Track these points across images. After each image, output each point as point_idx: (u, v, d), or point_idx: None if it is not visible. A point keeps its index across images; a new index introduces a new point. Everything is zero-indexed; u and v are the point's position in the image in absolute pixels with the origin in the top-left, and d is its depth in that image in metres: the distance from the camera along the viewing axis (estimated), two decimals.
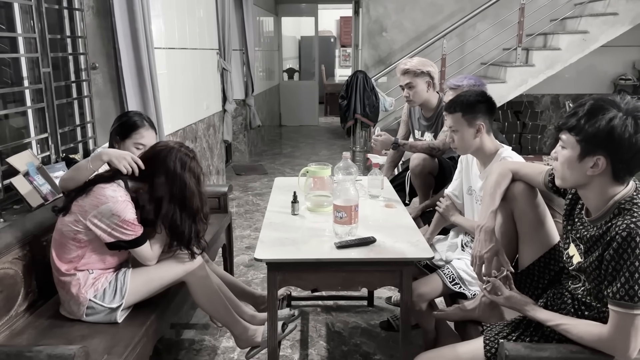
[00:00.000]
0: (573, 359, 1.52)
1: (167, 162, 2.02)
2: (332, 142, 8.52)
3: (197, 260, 2.18)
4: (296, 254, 1.92)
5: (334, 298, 3.17)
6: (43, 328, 2.01)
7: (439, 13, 7.08)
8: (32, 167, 2.45)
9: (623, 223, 1.42)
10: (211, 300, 2.21)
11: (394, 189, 2.80)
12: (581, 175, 1.51)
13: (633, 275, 1.39)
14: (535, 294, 1.82)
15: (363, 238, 1.98)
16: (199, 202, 2.07)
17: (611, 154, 1.45)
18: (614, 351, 1.46)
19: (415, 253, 1.92)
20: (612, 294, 1.43)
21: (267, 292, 1.95)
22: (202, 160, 4.90)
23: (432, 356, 1.74)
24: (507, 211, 1.86)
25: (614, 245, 1.42)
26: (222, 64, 5.52)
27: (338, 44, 14.53)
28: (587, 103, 1.50)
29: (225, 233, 3.24)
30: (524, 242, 1.85)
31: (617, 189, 1.50)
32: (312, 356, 2.63)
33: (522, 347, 1.55)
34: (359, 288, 2.44)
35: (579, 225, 1.62)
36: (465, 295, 2.16)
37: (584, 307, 1.60)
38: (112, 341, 1.90)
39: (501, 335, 1.70)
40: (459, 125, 2.15)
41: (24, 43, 2.65)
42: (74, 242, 1.99)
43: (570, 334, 1.54)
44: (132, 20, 3.03)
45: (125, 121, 2.36)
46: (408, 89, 3.08)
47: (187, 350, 2.69)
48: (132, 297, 2.05)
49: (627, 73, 7.21)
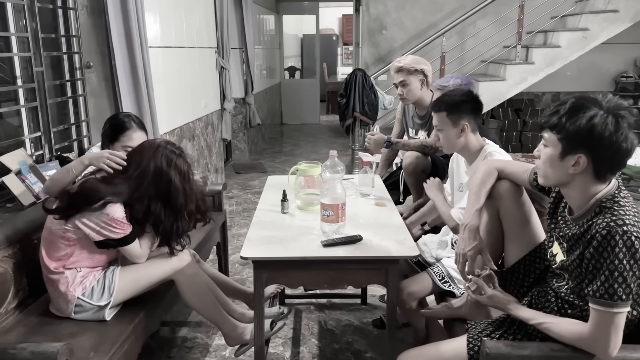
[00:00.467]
0: (554, 357, 1.52)
1: (153, 160, 2.03)
2: (332, 141, 8.52)
3: (185, 258, 2.19)
4: (282, 252, 1.93)
5: (328, 296, 3.18)
6: (32, 326, 2.02)
7: (439, 11, 7.07)
8: (24, 165, 2.47)
9: (603, 221, 1.42)
10: (200, 298, 2.22)
11: (387, 188, 2.80)
12: (563, 174, 1.51)
13: (613, 273, 1.39)
14: (520, 292, 1.82)
15: (349, 236, 1.98)
16: (183, 200, 2.08)
17: (592, 152, 1.45)
18: (594, 349, 1.46)
19: (401, 251, 1.92)
20: (592, 292, 1.43)
21: (254, 290, 1.96)
22: (200, 159, 4.91)
23: (416, 354, 1.74)
24: (492, 209, 1.85)
25: (594, 244, 1.42)
26: (220, 62, 5.53)
27: (340, 42, 14.51)
28: (568, 101, 1.49)
29: (219, 231, 3.24)
30: (509, 241, 1.85)
31: (599, 187, 1.50)
32: (304, 354, 2.64)
33: (503, 345, 1.55)
34: (345, 286, 2.44)
35: (562, 223, 1.62)
36: (454, 293, 2.16)
37: (567, 306, 1.60)
38: (100, 339, 1.91)
39: (484, 334, 1.70)
40: (443, 124, 2.16)
41: (17, 42, 2.67)
42: (63, 240, 2.00)
43: (551, 332, 1.54)
44: (126, 20, 3.04)
45: (113, 124, 2.37)
46: (402, 87, 3.08)
47: (179, 347, 2.70)
48: (120, 295, 2.07)
49: (629, 70, 7.19)
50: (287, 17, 10.89)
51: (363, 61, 7.29)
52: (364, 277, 1.96)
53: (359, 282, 2.08)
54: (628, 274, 1.39)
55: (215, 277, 2.53)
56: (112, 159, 2.03)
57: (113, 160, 2.02)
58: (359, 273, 1.95)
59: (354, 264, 1.92)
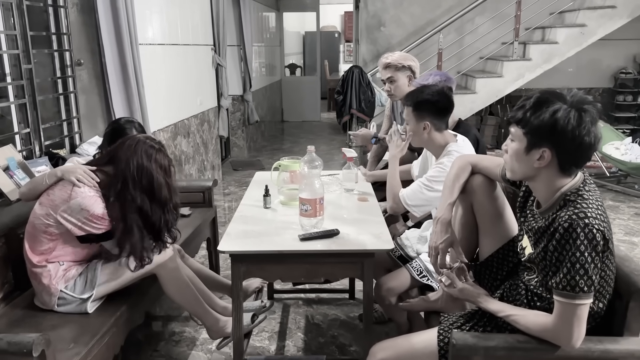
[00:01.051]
0: (520, 348, 1.54)
1: (134, 156, 2.05)
2: (332, 138, 8.53)
3: (167, 252, 2.22)
4: (259, 246, 1.96)
5: (316, 291, 3.21)
6: (16, 318, 2.06)
7: (437, 7, 7.05)
8: (12, 161, 2.51)
9: (566, 214, 1.44)
10: (181, 292, 2.25)
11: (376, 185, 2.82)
12: (529, 168, 1.53)
13: (574, 265, 1.41)
14: (494, 285, 1.84)
15: (326, 230, 2.00)
16: (167, 193, 2.11)
17: (556, 146, 1.46)
18: (558, 340, 1.48)
19: (376, 245, 1.94)
20: (555, 284, 1.45)
21: (232, 283, 1.99)
22: (196, 156, 4.95)
23: (388, 345, 1.76)
24: (467, 204, 1.88)
25: (557, 237, 1.44)
26: (216, 59, 5.55)
27: (343, 39, 14.50)
28: (534, 96, 1.51)
29: (209, 227, 3.28)
30: (483, 234, 1.87)
31: (564, 181, 1.52)
32: (289, 347, 2.67)
33: (470, 336, 1.57)
34: (322, 279, 2.47)
35: (530, 217, 1.64)
36: (433, 287, 2.18)
37: (536, 298, 1.62)
38: (81, 330, 1.95)
39: (455, 326, 1.72)
40: (409, 118, 2.24)
41: (6, 40, 2.71)
42: (45, 234, 2.04)
43: (518, 324, 1.57)
44: (116, 17, 3.07)
45: (114, 128, 2.48)
46: (389, 83, 3.09)
47: (166, 341, 2.73)
48: (102, 288, 2.10)
49: (628, 66, 7.16)
50: (288, 15, 10.90)
51: (361, 58, 7.29)
52: (339, 270, 1.99)
53: (335, 275, 2.11)
54: (589, 266, 1.41)
55: (200, 272, 2.56)
56: (84, 177, 2.02)
57: (84, 178, 2.02)
58: (335, 266, 1.98)
59: (330, 257, 1.95)
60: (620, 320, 1.57)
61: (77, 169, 2.05)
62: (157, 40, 3.95)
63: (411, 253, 2.41)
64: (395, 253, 2.45)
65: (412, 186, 2.25)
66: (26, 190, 2.13)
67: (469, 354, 1.55)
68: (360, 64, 6.84)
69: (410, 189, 2.24)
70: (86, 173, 2.04)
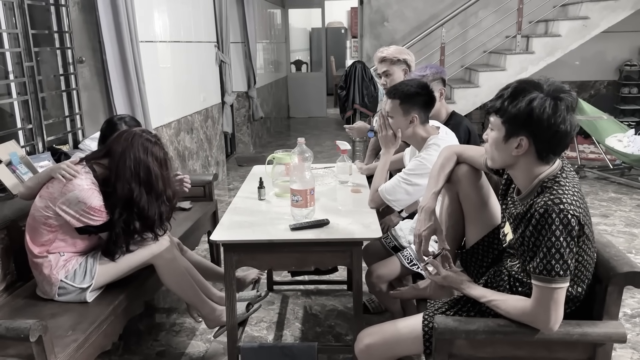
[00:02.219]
0: (500, 332, 1.58)
1: (130, 149, 2.12)
2: (337, 133, 8.56)
3: (164, 243, 2.28)
4: (251, 235, 2.01)
5: (315, 282, 3.26)
6: (18, 307, 2.13)
7: (440, 1, 7.06)
8: (15, 156, 2.59)
9: (542, 200, 1.48)
10: (178, 282, 2.31)
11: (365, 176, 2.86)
12: (507, 156, 1.57)
13: (550, 250, 1.45)
14: (480, 272, 1.87)
15: (317, 220, 2.05)
16: (162, 185, 2.17)
17: (532, 135, 1.50)
18: (536, 324, 1.52)
19: (365, 234, 1.99)
20: (532, 269, 1.49)
21: (224, 272, 2.04)
22: (200, 152, 5.02)
23: (373, 331, 1.81)
24: (453, 193, 1.91)
25: (533, 222, 1.47)
26: (220, 56, 5.61)
27: (349, 35, 14.51)
28: (511, 86, 1.55)
29: (210, 220, 3.34)
30: (469, 223, 1.90)
31: (542, 169, 1.55)
32: (286, 337, 2.72)
33: (452, 320, 1.61)
34: (312, 267, 2.52)
35: (510, 204, 1.67)
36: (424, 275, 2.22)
37: (518, 284, 1.66)
38: (79, 318, 2.02)
39: (440, 311, 1.76)
40: (394, 112, 2.24)
41: (9, 38, 2.78)
42: (45, 226, 2.10)
43: (499, 309, 1.60)
44: (116, 15, 3.14)
45: (107, 125, 2.54)
46: (385, 77, 3.12)
47: (167, 331, 2.80)
48: (101, 278, 2.17)
49: (633, 59, 7.12)
50: (294, 11, 10.94)
51: (365, 53, 7.32)
52: (329, 258, 2.03)
53: (325, 263, 2.15)
54: (565, 250, 1.44)
55: (199, 264, 2.62)
56: (66, 170, 2.09)
57: (67, 172, 2.09)
58: (324, 255, 2.03)
59: (320, 246, 2.00)
60: (600, 304, 1.60)
61: (61, 164, 2.13)
62: (160, 38, 4.01)
63: (404, 243, 2.45)
64: (390, 243, 2.49)
65: (391, 180, 2.27)
66: (25, 190, 2.21)
67: (450, 337, 1.59)
68: (363, 59, 6.87)
69: (390, 183, 2.27)
70: (69, 167, 2.10)
